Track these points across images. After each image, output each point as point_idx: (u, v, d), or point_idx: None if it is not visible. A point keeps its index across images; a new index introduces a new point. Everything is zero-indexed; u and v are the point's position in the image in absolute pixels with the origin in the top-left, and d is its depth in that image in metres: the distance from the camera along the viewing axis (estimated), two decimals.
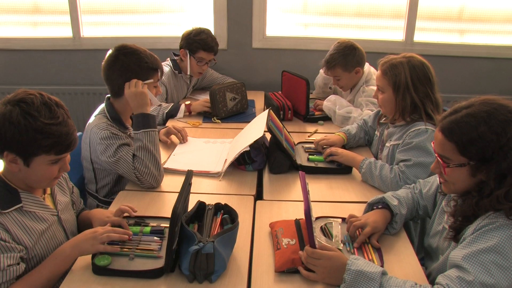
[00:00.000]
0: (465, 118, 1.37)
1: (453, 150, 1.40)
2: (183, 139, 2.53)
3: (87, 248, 1.51)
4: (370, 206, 1.80)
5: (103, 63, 2.13)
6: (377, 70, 2.21)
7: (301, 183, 1.57)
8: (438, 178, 1.66)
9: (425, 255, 1.77)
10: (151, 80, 2.13)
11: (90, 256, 1.52)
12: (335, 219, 1.78)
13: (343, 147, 2.42)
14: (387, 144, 2.24)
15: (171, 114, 2.95)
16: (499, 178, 1.34)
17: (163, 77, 3.08)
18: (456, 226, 1.45)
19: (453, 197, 1.52)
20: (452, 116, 1.41)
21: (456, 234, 1.45)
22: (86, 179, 2.25)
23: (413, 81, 2.05)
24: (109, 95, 2.18)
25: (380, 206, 1.75)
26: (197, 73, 3.30)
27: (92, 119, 2.15)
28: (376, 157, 2.36)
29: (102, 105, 2.19)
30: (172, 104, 2.99)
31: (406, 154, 2.06)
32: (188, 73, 3.25)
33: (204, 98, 3.11)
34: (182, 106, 2.97)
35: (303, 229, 1.65)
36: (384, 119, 2.32)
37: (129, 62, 2.07)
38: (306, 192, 1.49)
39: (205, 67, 3.29)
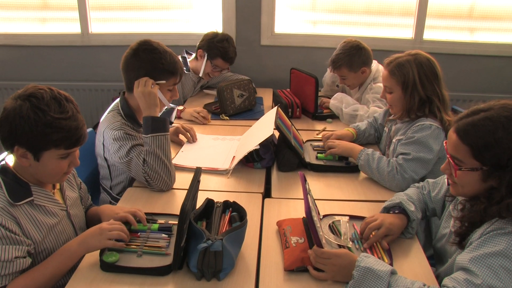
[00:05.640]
0: (483, 121, 1.34)
1: (467, 153, 1.37)
2: (192, 139, 2.52)
3: (94, 244, 1.51)
4: (386, 210, 1.76)
5: (124, 55, 2.10)
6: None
7: (301, 184, 1.56)
8: (446, 179, 1.63)
9: (435, 256, 1.76)
10: (163, 81, 2.07)
11: (98, 253, 1.52)
12: (342, 217, 1.77)
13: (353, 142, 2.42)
14: (394, 140, 2.23)
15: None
16: (511, 186, 1.32)
17: None
18: (462, 231, 1.43)
19: (460, 201, 1.50)
20: (469, 118, 1.38)
21: (461, 240, 1.44)
22: (101, 174, 2.24)
23: (421, 78, 2.04)
24: (124, 91, 2.16)
25: (397, 211, 1.71)
26: (207, 76, 3.30)
27: (105, 115, 2.14)
28: (384, 153, 2.35)
29: (117, 101, 2.17)
30: (166, 107, 2.94)
31: (406, 147, 2.06)
32: (201, 74, 3.25)
33: (195, 108, 3.00)
34: (175, 111, 2.94)
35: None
36: (392, 116, 2.31)
37: (145, 59, 2.03)
38: (306, 193, 1.49)
39: (217, 74, 3.31)
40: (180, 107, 2.95)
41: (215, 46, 3.14)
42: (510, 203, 1.30)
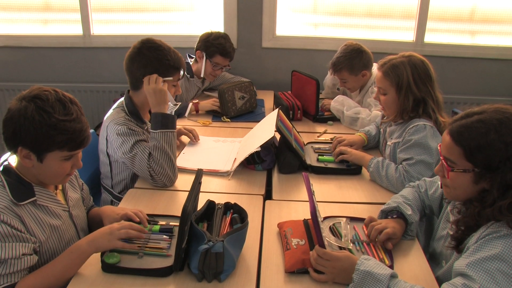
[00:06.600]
0: (476, 123, 1.36)
1: (460, 155, 1.38)
2: (194, 139, 2.53)
3: (104, 243, 1.50)
4: (384, 213, 1.78)
5: (126, 54, 2.13)
6: None
7: (305, 185, 1.57)
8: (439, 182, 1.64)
9: (430, 258, 1.76)
10: (170, 78, 2.11)
11: (99, 253, 1.52)
12: (342, 218, 1.77)
13: (363, 147, 2.43)
14: (389, 143, 2.24)
15: (179, 113, 2.94)
16: (502, 188, 1.33)
17: None
18: (458, 236, 1.44)
19: (456, 204, 1.51)
20: (462, 120, 1.40)
21: (457, 244, 1.44)
22: (102, 173, 2.26)
23: (415, 80, 2.06)
24: (129, 89, 2.18)
25: (395, 216, 1.72)
26: (210, 76, 3.29)
27: (110, 112, 2.16)
28: (381, 155, 2.35)
29: (122, 99, 2.20)
30: (180, 103, 2.99)
31: (407, 152, 2.06)
32: (202, 75, 3.25)
33: (213, 98, 3.10)
34: (190, 105, 2.97)
35: (312, 229, 1.65)
36: (385, 118, 2.31)
37: (151, 56, 2.06)
38: (311, 193, 1.49)
39: (219, 72, 3.29)
40: (195, 101, 2.99)
41: (211, 44, 3.15)
42: (502, 206, 1.31)
